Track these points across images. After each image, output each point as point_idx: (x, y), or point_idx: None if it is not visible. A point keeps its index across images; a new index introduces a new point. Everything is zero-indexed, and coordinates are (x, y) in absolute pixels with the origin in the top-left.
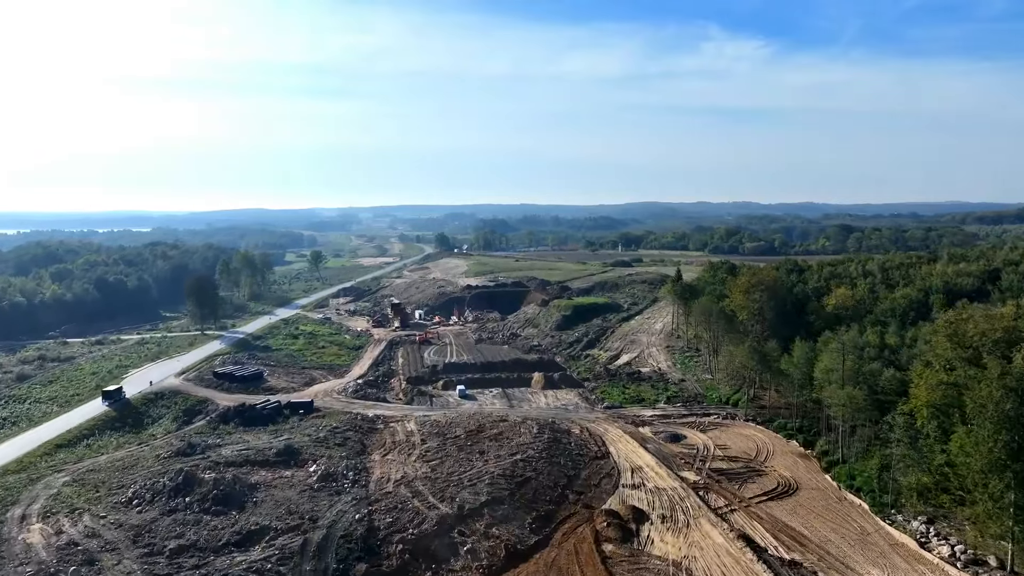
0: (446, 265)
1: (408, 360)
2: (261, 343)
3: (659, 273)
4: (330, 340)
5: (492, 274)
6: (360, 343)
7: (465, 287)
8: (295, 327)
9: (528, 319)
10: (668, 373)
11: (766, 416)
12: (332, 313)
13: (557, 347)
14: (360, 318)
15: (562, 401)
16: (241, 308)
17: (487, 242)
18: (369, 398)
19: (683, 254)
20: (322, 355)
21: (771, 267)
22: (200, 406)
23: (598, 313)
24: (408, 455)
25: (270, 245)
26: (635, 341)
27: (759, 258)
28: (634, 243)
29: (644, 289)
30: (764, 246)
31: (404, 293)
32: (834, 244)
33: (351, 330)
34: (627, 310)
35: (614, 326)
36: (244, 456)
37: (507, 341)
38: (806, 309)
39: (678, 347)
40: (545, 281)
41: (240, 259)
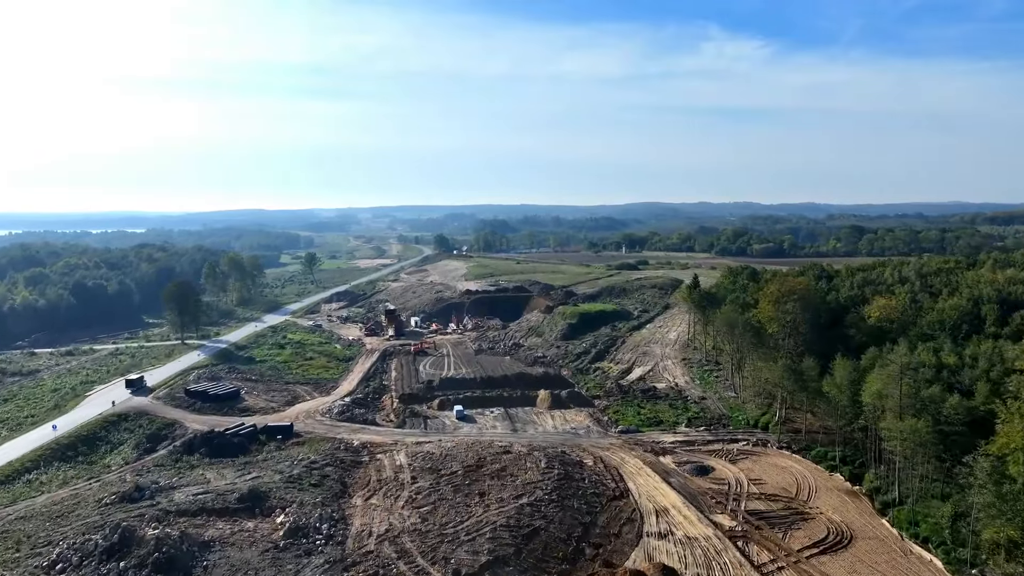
0: (445, 267)
1: (401, 374)
2: (245, 354)
3: (669, 277)
4: (319, 351)
5: (493, 277)
6: (351, 354)
7: (464, 292)
8: (283, 336)
9: (531, 327)
10: (686, 390)
11: (802, 442)
12: (324, 320)
13: (563, 359)
14: (353, 325)
15: (571, 423)
16: (228, 314)
17: (487, 243)
18: (356, 420)
19: (689, 256)
20: (309, 368)
21: (794, 271)
22: (167, 430)
23: (606, 321)
24: (395, 498)
25: (265, 247)
26: (648, 353)
27: (768, 260)
28: (638, 244)
29: (654, 295)
30: (773, 248)
31: (400, 298)
32: (846, 245)
33: (342, 339)
34: (637, 318)
35: (624, 336)
36: (200, 503)
37: (509, 352)
38: (844, 321)
39: (695, 360)
40: (548, 285)
41: (228, 262)
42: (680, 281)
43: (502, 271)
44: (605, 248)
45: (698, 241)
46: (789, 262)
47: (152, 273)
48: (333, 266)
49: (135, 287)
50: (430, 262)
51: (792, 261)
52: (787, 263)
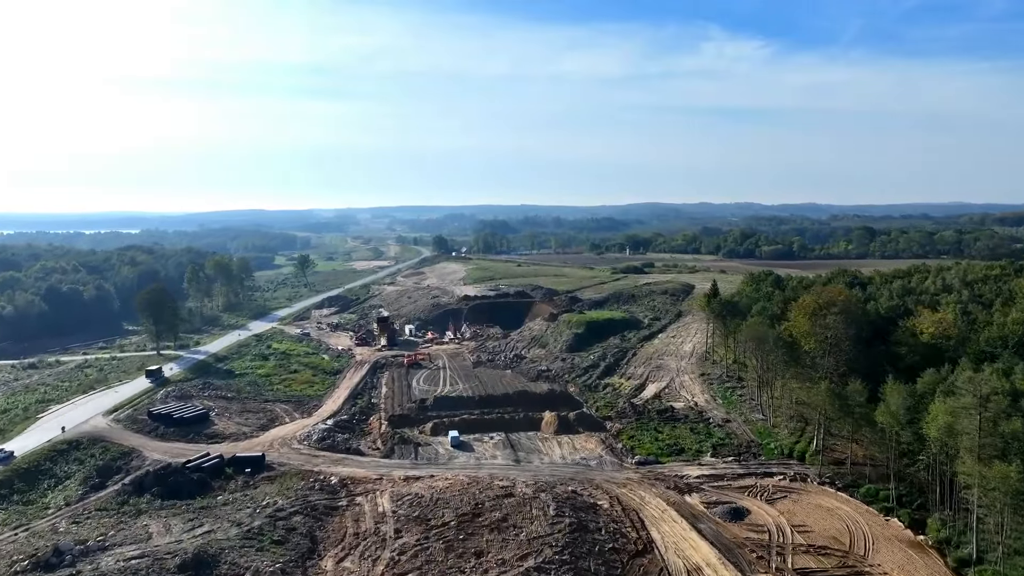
0: (443, 270)
1: (392, 390)
2: (224, 366)
3: (680, 282)
4: (305, 362)
5: (492, 280)
6: (339, 366)
7: (462, 298)
8: (267, 345)
9: (534, 337)
10: (708, 411)
11: (847, 477)
12: (313, 327)
13: (569, 373)
14: (343, 334)
15: (581, 452)
16: (212, 321)
17: (487, 244)
18: (338, 448)
19: (695, 258)
20: (292, 383)
21: (821, 278)
22: (122, 460)
23: (615, 330)
24: (373, 561)
25: (261, 248)
26: (662, 367)
27: (778, 263)
28: (642, 246)
29: (665, 301)
30: (782, 250)
31: (395, 303)
32: (857, 247)
33: (331, 349)
34: (648, 326)
35: (635, 347)
36: (131, 571)
37: (510, 365)
38: (889, 336)
39: (715, 375)
40: (552, 290)
41: (213, 266)
42: (691, 286)
43: (502, 274)
44: (608, 250)
45: (704, 243)
46: (800, 264)
47: (134, 277)
48: (328, 268)
49: (115, 292)
50: (428, 264)
51: (803, 264)
52: (798, 266)
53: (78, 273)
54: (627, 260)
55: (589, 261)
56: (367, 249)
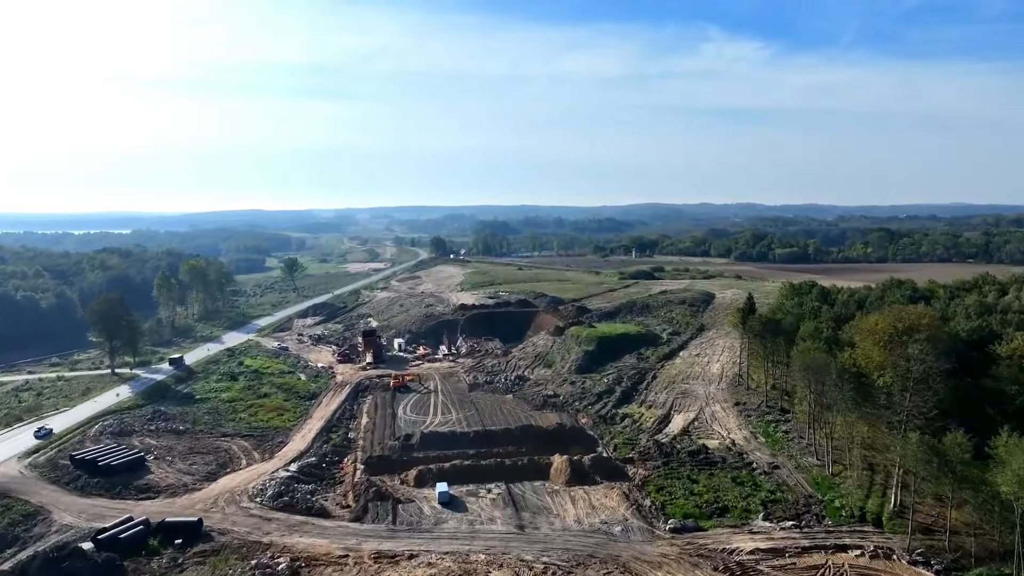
0: (440, 274)
1: (374, 420)
2: (185, 388)
3: (698, 291)
4: (279, 383)
5: (492, 286)
6: (317, 387)
7: (459, 307)
8: (239, 361)
9: (539, 354)
10: (749, 451)
11: (946, 555)
12: (294, 339)
13: (580, 400)
14: (326, 348)
15: (601, 512)
16: (184, 332)
17: (487, 246)
18: (298, 507)
19: (705, 261)
20: (259, 410)
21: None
22: (23, 527)
23: (631, 347)
24: None
25: (252, 249)
26: (688, 393)
27: (793, 266)
28: (648, 248)
29: (684, 313)
30: (797, 252)
31: (385, 312)
32: (876, 251)
33: (310, 366)
34: (667, 342)
35: (655, 368)
36: None
37: (511, 388)
38: (989, 371)
39: (752, 405)
40: (556, 299)
41: (188, 270)
42: (711, 295)
43: (502, 279)
44: (613, 252)
45: (713, 245)
46: (818, 269)
47: (102, 283)
48: (321, 271)
49: (79, 300)
50: (424, 268)
51: (821, 268)
52: (817, 270)
53: (40, 278)
54: (634, 263)
55: (594, 264)
56: (363, 251)
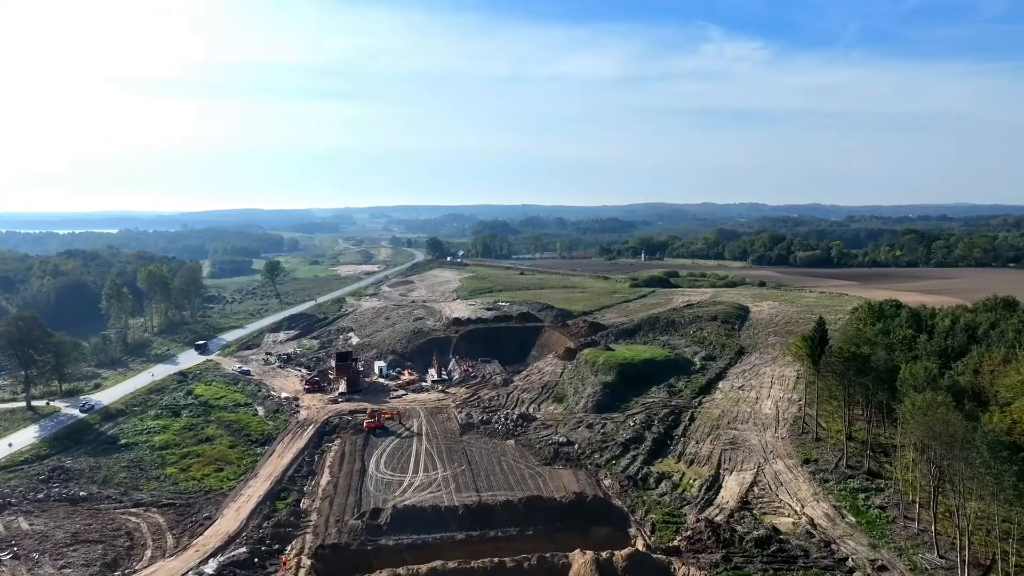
0: (434, 279)
1: (337, 479)
2: (111, 428)
3: (729, 303)
4: (228, 421)
5: (491, 294)
6: (275, 427)
7: (452, 322)
8: (188, 390)
9: (546, 384)
10: (836, 537)
11: None
12: (260, 359)
13: (601, 450)
14: (294, 372)
15: None
16: (137, 349)
17: (486, 248)
18: None
19: (721, 264)
20: (194, 463)
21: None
22: None
23: (659, 377)
24: None
25: (241, 250)
26: (739, 443)
27: (816, 271)
28: (658, 250)
29: (716, 331)
30: (819, 256)
31: (368, 326)
32: (907, 254)
33: (272, 396)
34: (701, 369)
35: (691, 405)
36: None
37: (513, 431)
38: None
39: (827, 462)
40: (565, 312)
41: (146, 277)
42: (745, 309)
43: (502, 285)
44: (620, 254)
45: (727, 247)
46: (846, 274)
47: (50, 291)
48: (310, 274)
49: (17, 311)
50: (419, 271)
51: (849, 273)
52: (845, 276)
53: None
54: (644, 267)
55: (601, 268)
56: (356, 252)
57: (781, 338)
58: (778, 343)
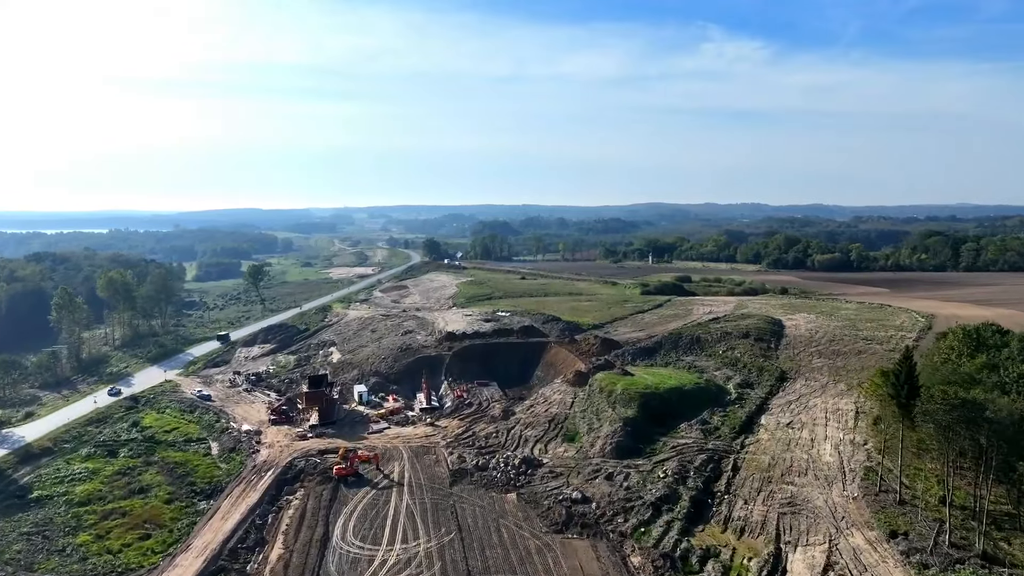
0: (430, 284)
1: (290, 554)
2: (28, 473)
3: (761, 317)
4: (172, 465)
5: (489, 301)
6: (229, 470)
7: (445, 337)
8: (134, 421)
9: (554, 417)
10: None
11: None
12: (227, 378)
13: (625, 511)
14: (263, 397)
15: None
16: (91, 367)
17: (486, 249)
18: None
19: (733, 268)
20: (115, 527)
21: None
22: None
23: (689, 409)
24: None
25: (230, 251)
26: (799, 504)
27: (836, 275)
28: (666, 253)
29: (749, 351)
30: (838, 259)
31: (352, 340)
32: (934, 258)
33: (230, 429)
34: (738, 400)
35: (732, 448)
36: None
37: (515, 479)
38: None
39: (920, 535)
40: (572, 325)
41: (105, 285)
42: (779, 324)
43: (502, 291)
44: (626, 256)
45: (740, 250)
46: (876, 280)
47: (1, 300)
48: (300, 277)
49: None
50: (415, 274)
51: (882, 279)
52: (875, 281)
53: None
54: (653, 271)
55: (607, 272)
56: (352, 253)
57: (827, 360)
58: (825, 367)
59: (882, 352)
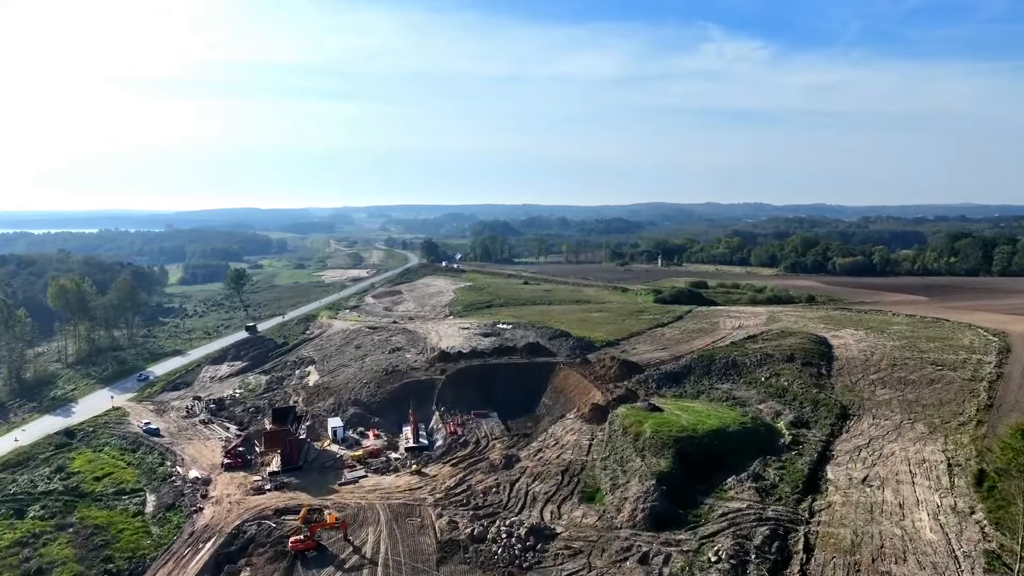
0: (426, 289)
1: None
2: None
3: (805, 334)
4: (90, 531)
5: (489, 309)
6: (160, 536)
7: (438, 356)
8: (61, 463)
9: (568, 465)
10: None
11: None
12: (185, 405)
13: None
14: (221, 430)
15: None
16: (34, 390)
17: (486, 251)
18: None
19: (749, 272)
20: None
21: None
22: None
23: (735, 460)
24: None
25: (221, 253)
26: None
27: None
28: (675, 254)
29: (797, 377)
30: (861, 263)
31: (334, 357)
32: (965, 261)
33: (176, 474)
34: (793, 444)
35: (797, 515)
36: None
37: (521, 557)
38: None
39: None
40: (583, 341)
41: (56, 294)
42: (823, 343)
43: (503, 297)
44: (633, 259)
45: (754, 253)
46: (905, 285)
47: None
48: (291, 280)
49: None
50: (410, 278)
51: (909, 284)
52: (910, 287)
53: None
54: (663, 275)
55: (615, 276)
56: (347, 255)
57: (894, 391)
58: (894, 400)
59: (961, 382)
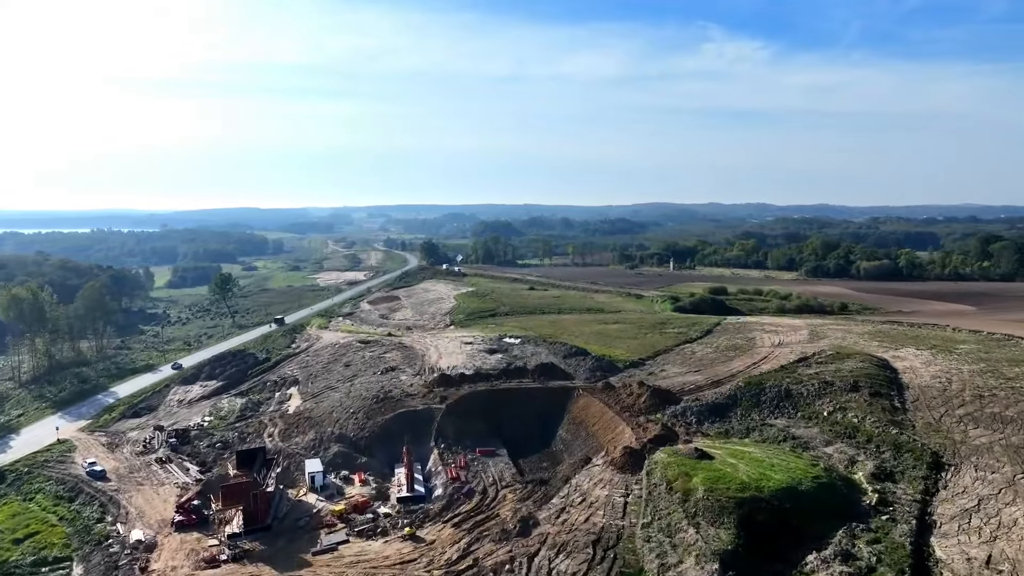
0: (424, 295)
1: None
2: None
3: (864, 356)
4: None
5: (494, 318)
6: None
7: (438, 379)
8: None
9: (599, 533)
10: None
11: None
12: (143, 437)
13: None
14: (179, 473)
15: None
16: None
17: (488, 252)
18: None
19: (768, 276)
20: None
21: None
22: None
23: (813, 527)
24: None
25: (213, 254)
26: None
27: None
28: (687, 257)
29: (866, 412)
30: (886, 266)
31: (320, 377)
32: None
33: (116, 534)
34: (881, 504)
35: None
36: None
37: None
38: None
39: None
40: (604, 361)
41: (7, 304)
42: (887, 368)
43: (508, 305)
44: (643, 261)
45: (771, 255)
46: (941, 291)
47: None
48: (286, 283)
49: None
50: (409, 282)
51: (949, 291)
52: (940, 293)
53: None
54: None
55: (625, 280)
56: (344, 256)
57: (991, 431)
58: (996, 445)
59: None
